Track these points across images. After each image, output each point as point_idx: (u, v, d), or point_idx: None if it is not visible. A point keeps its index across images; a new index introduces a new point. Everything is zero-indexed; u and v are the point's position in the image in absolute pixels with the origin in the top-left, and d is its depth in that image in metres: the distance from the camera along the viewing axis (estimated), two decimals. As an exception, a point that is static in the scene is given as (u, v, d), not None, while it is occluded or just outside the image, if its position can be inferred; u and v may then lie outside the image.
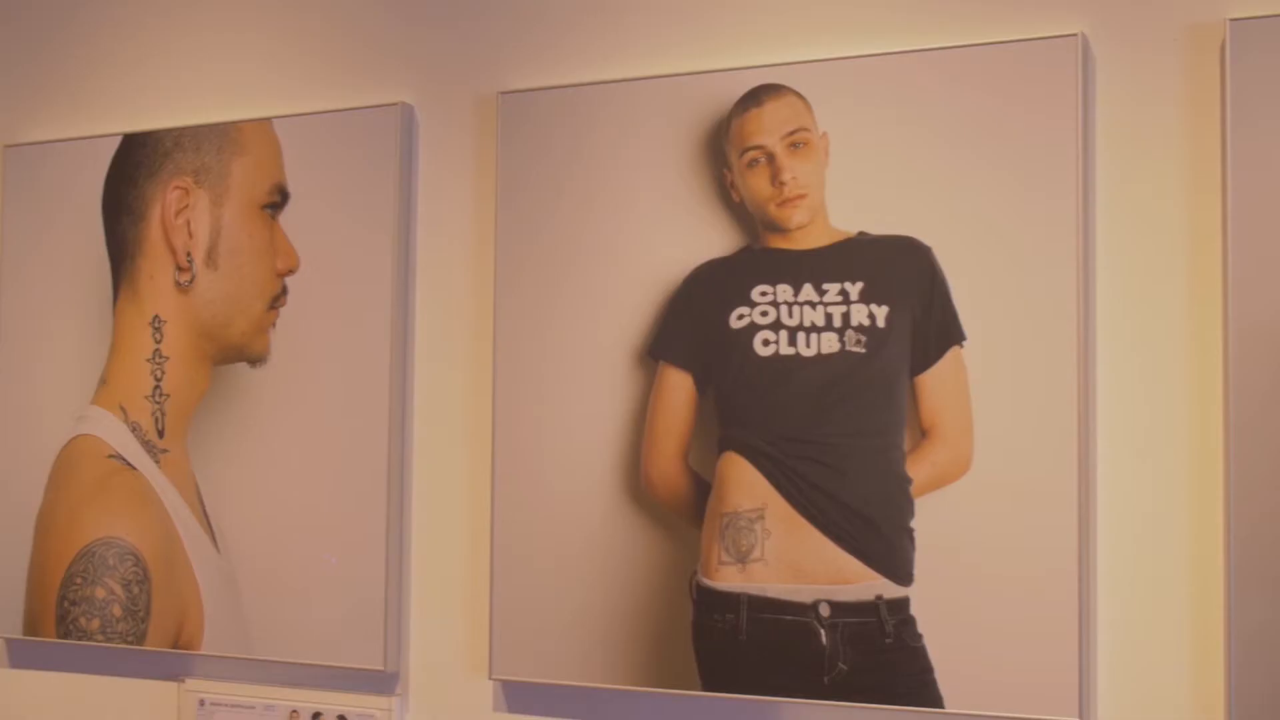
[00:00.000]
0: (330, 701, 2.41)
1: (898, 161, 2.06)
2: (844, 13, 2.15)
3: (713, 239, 2.16)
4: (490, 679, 2.28)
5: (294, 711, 2.44)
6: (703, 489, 2.14)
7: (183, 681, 2.55)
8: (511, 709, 2.31)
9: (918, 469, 2.02)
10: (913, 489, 2.02)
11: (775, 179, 2.12)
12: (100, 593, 2.57)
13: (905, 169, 2.05)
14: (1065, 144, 1.97)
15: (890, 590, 2.02)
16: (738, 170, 2.15)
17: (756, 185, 2.13)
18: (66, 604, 2.60)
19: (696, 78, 2.19)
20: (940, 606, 2.00)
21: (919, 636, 2.00)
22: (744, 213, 2.15)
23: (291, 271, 2.45)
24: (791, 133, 2.11)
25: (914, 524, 2.02)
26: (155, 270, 2.57)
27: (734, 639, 2.11)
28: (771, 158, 2.12)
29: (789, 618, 2.07)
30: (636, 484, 2.19)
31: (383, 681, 2.40)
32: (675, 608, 2.15)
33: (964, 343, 2.01)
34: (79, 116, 2.77)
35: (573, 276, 2.25)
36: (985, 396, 1.99)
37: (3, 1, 2.88)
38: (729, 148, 2.15)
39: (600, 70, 2.30)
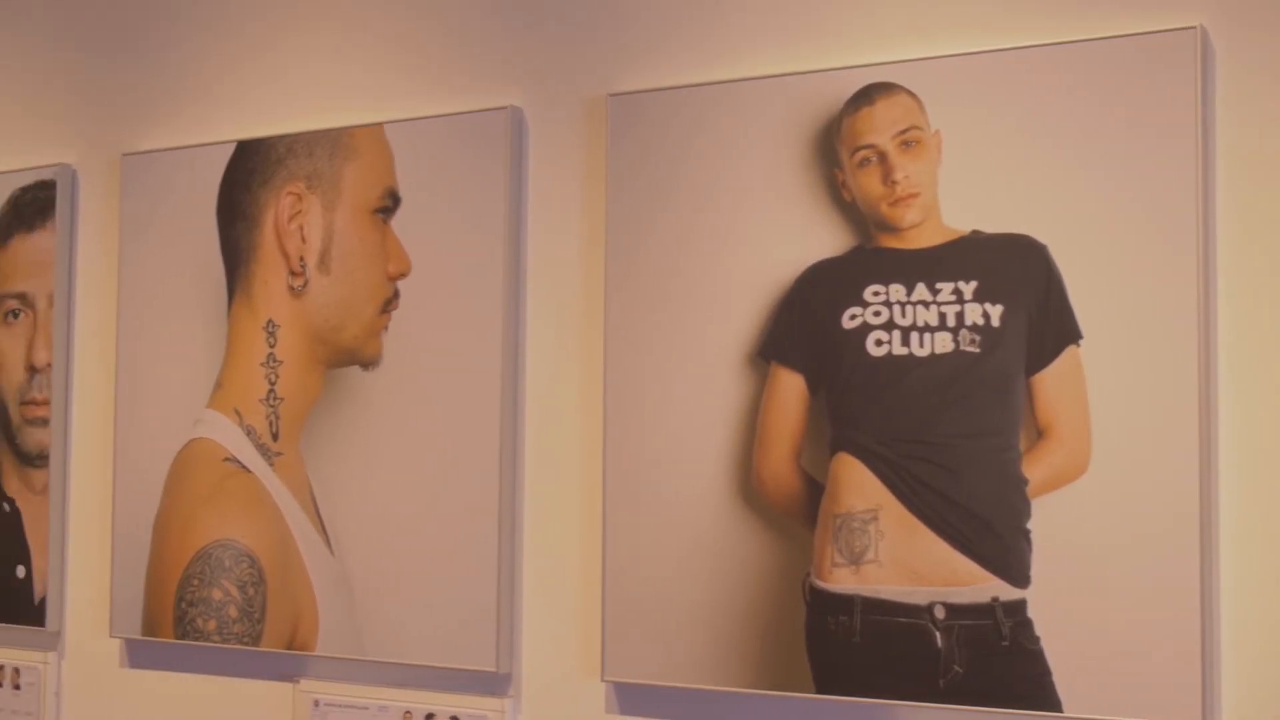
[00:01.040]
0: (443, 703, 2.42)
1: (1011, 159, 2.04)
2: (955, 10, 2.12)
3: (824, 239, 2.15)
4: (603, 680, 2.28)
5: (407, 712, 2.45)
6: (815, 490, 2.13)
7: (297, 682, 2.58)
8: (624, 711, 2.31)
9: (1034, 469, 2.00)
10: (1029, 490, 1.99)
11: (887, 178, 2.10)
12: (217, 594, 2.60)
13: (1019, 166, 2.03)
14: (1184, 138, 1.94)
15: (1007, 592, 2.00)
16: (849, 169, 2.13)
17: (868, 184, 2.12)
18: (184, 605, 2.64)
19: (807, 77, 2.18)
20: (1058, 608, 1.97)
21: (1036, 639, 1.98)
22: (856, 212, 2.13)
23: (403, 275, 2.46)
24: (903, 131, 2.10)
25: (1030, 525, 1.99)
26: (269, 275, 2.59)
27: (848, 641, 2.09)
28: (883, 156, 2.11)
29: (903, 620, 2.06)
30: (748, 485, 2.18)
31: (495, 683, 2.40)
32: (788, 610, 2.14)
33: (1080, 341, 1.98)
34: (194, 125, 2.80)
35: (683, 278, 2.24)
36: (1103, 396, 1.97)
37: (119, 14, 2.92)
38: (840, 147, 2.14)
39: (709, 71, 2.29)
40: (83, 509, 2.91)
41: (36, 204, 2.94)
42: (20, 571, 2.92)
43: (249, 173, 2.63)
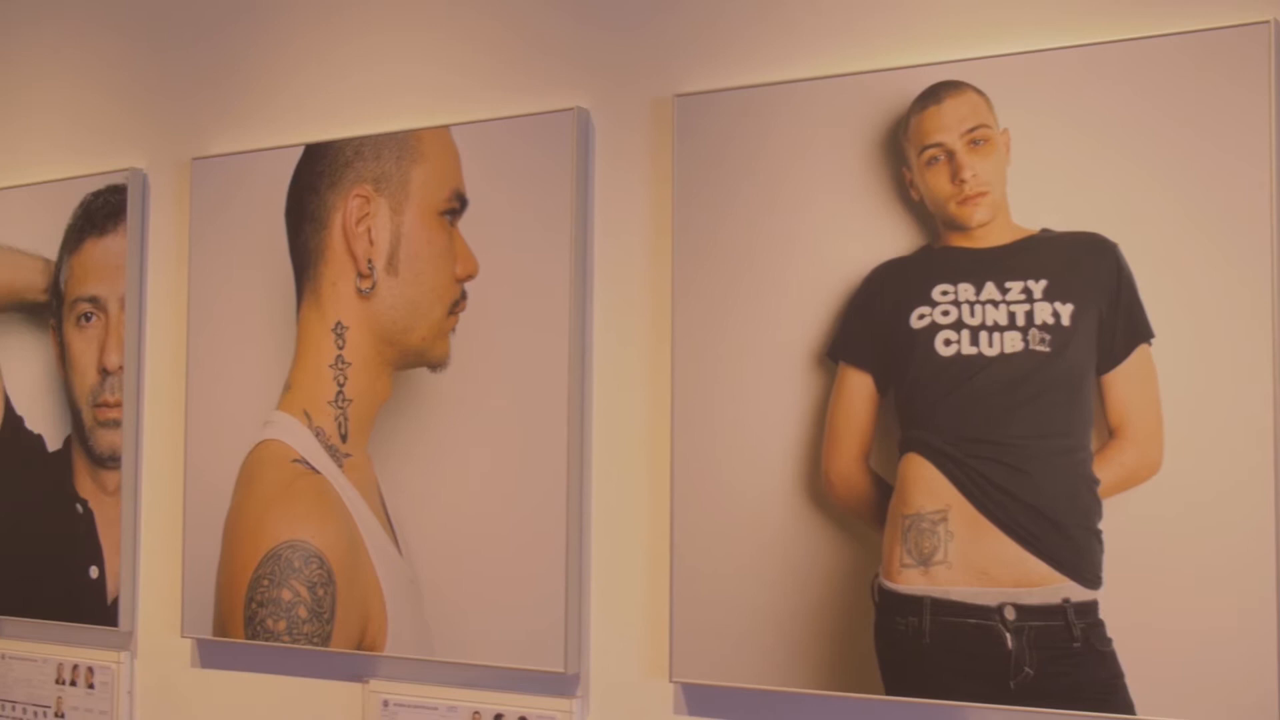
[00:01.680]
0: (511, 704, 2.43)
1: (1080, 156, 2.02)
2: (1023, 7, 2.11)
3: (892, 238, 2.14)
4: (671, 681, 2.28)
5: (476, 713, 2.46)
6: (884, 491, 2.12)
7: (367, 682, 2.59)
8: (692, 711, 2.31)
9: (1105, 470, 1.98)
10: (1100, 490, 1.98)
11: (955, 177, 2.09)
12: (286, 595, 2.61)
13: (1088, 164, 2.01)
14: (1256, 134, 1.92)
15: (1078, 593, 1.98)
16: (917, 168, 2.12)
17: (936, 183, 2.11)
18: (254, 605, 2.65)
19: (874, 76, 2.17)
20: (1131, 610, 1.95)
21: (1108, 641, 1.96)
22: (924, 211, 2.12)
23: (471, 277, 2.47)
24: (971, 129, 2.09)
25: (1102, 526, 1.97)
26: (337, 277, 2.61)
27: (917, 642, 2.08)
28: (951, 155, 2.10)
29: (973, 621, 2.04)
30: (817, 486, 2.17)
31: (563, 684, 2.41)
32: (856, 610, 2.13)
33: (1152, 340, 1.96)
34: (263, 128, 2.83)
35: (750, 278, 2.24)
36: (1175, 395, 1.95)
37: (188, 21, 2.94)
38: (908, 146, 2.13)
39: (776, 71, 2.29)
40: (154, 510, 2.93)
41: (108, 208, 2.97)
42: (93, 572, 2.95)
43: (317, 175, 2.65)
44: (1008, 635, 2.02)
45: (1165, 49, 1.98)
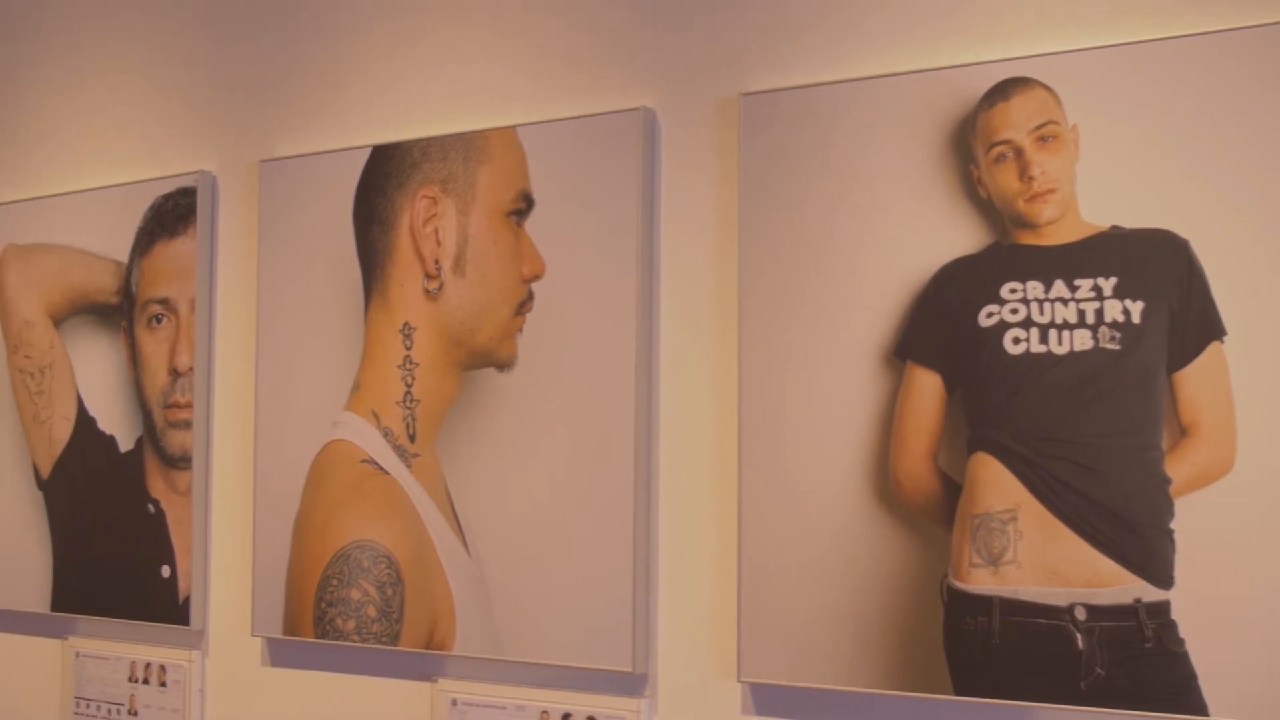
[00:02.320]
0: (579, 703, 2.43)
1: (1150, 153, 2.00)
2: (1092, 2, 2.09)
3: (960, 236, 2.13)
4: (738, 681, 2.27)
5: (544, 712, 2.46)
6: (952, 490, 2.11)
7: (435, 682, 2.60)
8: (759, 711, 2.30)
9: (1177, 468, 1.96)
10: (1172, 489, 1.96)
11: (1024, 174, 2.08)
12: (355, 594, 2.63)
13: (1158, 160, 2.00)
14: (1330, 130, 1.90)
15: (1150, 593, 1.96)
16: (985, 166, 2.11)
17: (1004, 180, 2.09)
18: (324, 605, 2.67)
19: (940, 73, 2.16)
20: (1204, 610, 1.93)
21: (1181, 641, 1.94)
22: (991, 209, 2.11)
23: (537, 277, 2.47)
24: (1040, 126, 2.07)
25: (1174, 525, 1.96)
26: (405, 278, 2.62)
27: (986, 642, 2.07)
28: (1020, 152, 2.08)
29: (1043, 621, 2.03)
30: (884, 485, 2.16)
31: (631, 683, 2.41)
32: (925, 610, 2.12)
33: (1224, 338, 1.94)
34: (330, 130, 2.84)
35: (817, 277, 2.23)
36: (1248, 393, 1.93)
37: (255, 25, 2.97)
38: (975, 143, 2.12)
39: (842, 69, 2.28)
40: (224, 510, 2.96)
41: (178, 210, 2.99)
42: (165, 571, 2.97)
43: (384, 177, 2.66)
44: (1078, 636, 2.01)
45: (1238, 43, 1.96)
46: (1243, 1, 1.99)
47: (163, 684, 2.99)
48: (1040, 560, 2.03)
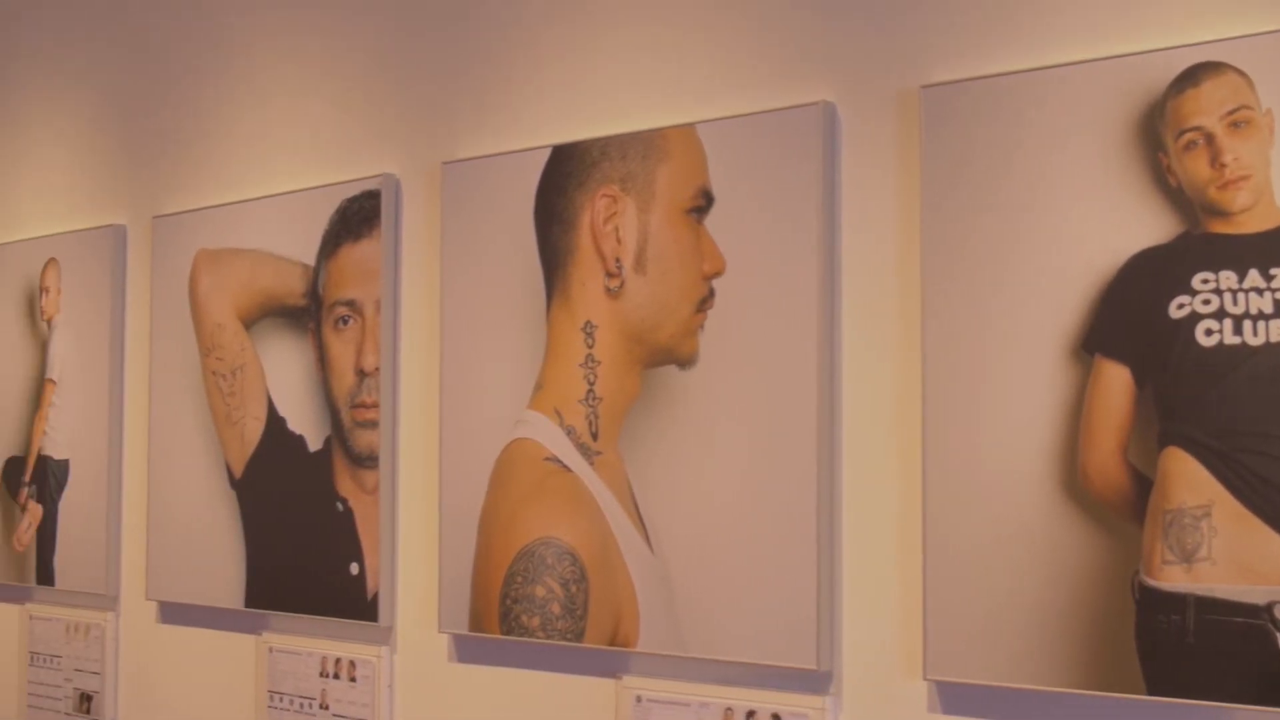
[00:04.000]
0: (764, 700, 2.43)
1: (1349, 137, 1.95)
2: (1286, -17, 2.04)
3: (1148, 226, 2.08)
4: (924, 679, 2.25)
5: (728, 709, 2.46)
6: (1143, 485, 2.07)
7: (619, 678, 2.61)
8: (946, 710, 2.28)
9: (1380, 462, 1.90)
10: (1375, 483, 1.90)
11: (1215, 161, 2.03)
12: (540, 591, 2.65)
13: (1358, 145, 1.94)
14: None
15: (1353, 591, 1.91)
16: (1174, 153, 2.06)
17: (1195, 168, 2.04)
18: (509, 602, 2.70)
19: (1126, 60, 2.11)
20: None
21: (1387, 641, 1.89)
22: (1182, 197, 2.06)
23: (718, 274, 2.47)
24: (1232, 111, 2.02)
25: (1378, 521, 1.90)
26: (586, 277, 2.64)
27: (1180, 641, 2.02)
28: (1211, 139, 2.03)
29: (1240, 620, 1.98)
30: (1073, 480, 2.12)
31: (816, 681, 2.39)
32: (1115, 608, 2.08)
33: None
34: (509, 130, 2.87)
35: (1002, 270, 2.20)
36: None
37: (437, 31, 3.01)
38: (1164, 130, 2.07)
39: (1024, 58, 2.24)
40: (411, 508, 3.00)
41: (362, 213, 3.05)
42: (354, 569, 3.03)
43: (565, 176, 2.68)
44: (1278, 635, 1.95)
45: None
46: None
47: (353, 679, 3.04)
48: (1236, 557, 1.98)
